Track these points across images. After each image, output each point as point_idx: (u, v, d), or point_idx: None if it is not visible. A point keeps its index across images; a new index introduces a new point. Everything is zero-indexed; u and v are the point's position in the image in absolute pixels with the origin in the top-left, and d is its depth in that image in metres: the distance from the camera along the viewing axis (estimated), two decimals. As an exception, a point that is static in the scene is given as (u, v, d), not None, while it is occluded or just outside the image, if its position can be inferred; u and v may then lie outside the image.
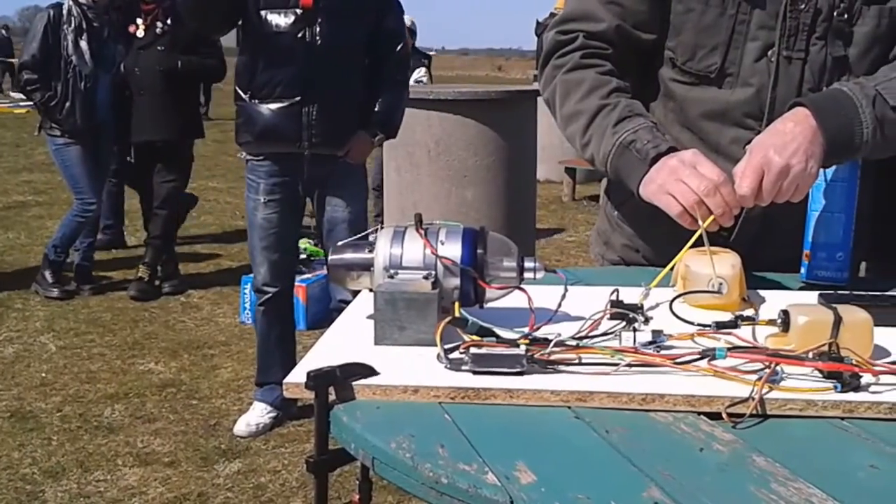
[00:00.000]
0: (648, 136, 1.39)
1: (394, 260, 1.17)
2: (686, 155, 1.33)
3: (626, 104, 1.46)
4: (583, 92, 1.50)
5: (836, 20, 1.43)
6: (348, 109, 3.27)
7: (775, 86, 1.45)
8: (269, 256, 3.39)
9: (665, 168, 1.32)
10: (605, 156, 1.43)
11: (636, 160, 1.38)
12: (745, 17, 1.45)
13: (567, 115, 1.52)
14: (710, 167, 1.29)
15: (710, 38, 1.47)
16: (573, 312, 1.20)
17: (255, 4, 3.15)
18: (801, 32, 1.43)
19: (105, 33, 5.20)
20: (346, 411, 0.97)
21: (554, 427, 0.93)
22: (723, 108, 1.49)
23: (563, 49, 1.56)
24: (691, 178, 1.28)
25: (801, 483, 0.80)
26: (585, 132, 1.48)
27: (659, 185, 1.32)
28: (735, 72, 1.47)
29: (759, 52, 1.45)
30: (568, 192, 9.24)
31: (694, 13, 1.47)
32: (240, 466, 3.31)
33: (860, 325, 1.03)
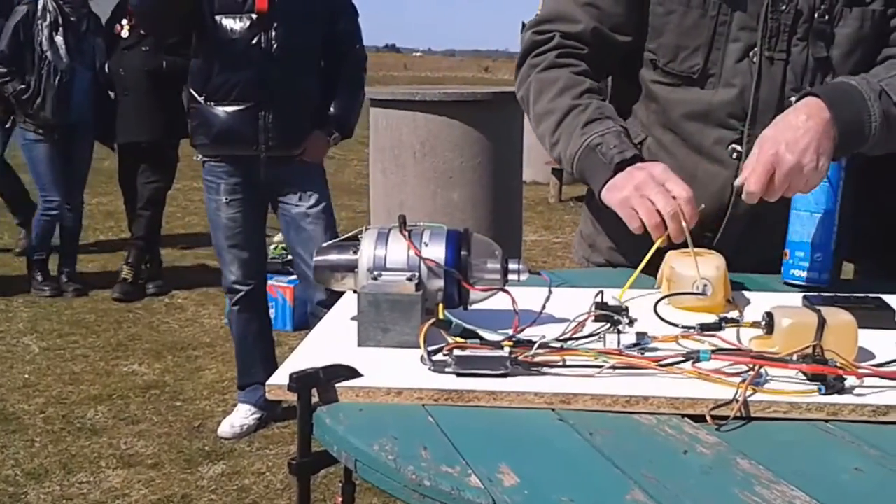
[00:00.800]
0: (615, 140, 1.40)
1: (378, 261, 1.16)
2: (656, 170, 1.33)
3: (597, 106, 1.47)
4: (556, 91, 1.50)
5: (816, 21, 1.44)
6: (304, 111, 3.30)
7: (758, 86, 1.46)
8: (238, 255, 3.41)
9: (632, 180, 1.33)
10: (572, 156, 1.44)
11: (601, 163, 1.39)
12: (725, 19, 1.45)
13: (539, 114, 1.53)
14: (679, 186, 1.29)
15: (692, 39, 1.48)
16: (557, 314, 1.20)
17: (210, 9, 3.18)
18: (782, 33, 1.44)
19: (83, 27, 5.15)
20: (329, 413, 0.97)
21: (537, 429, 0.92)
22: (705, 108, 1.49)
23: (539, 49, 1.57)
24: (658, 197, 1.29)
25: (785, 486, 0.80)
26: (555, 131, 1.48)
27: (624, 196, 1.33)
28: (717, 73, 1.47)
29: (740, 52, 1.46)
30: (554, 194, 9.25)
31: (675, 15, 1.48)
32: (224, 468, 3.29)
33: (844, 328, 1.03)
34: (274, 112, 3.21)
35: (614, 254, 1.67)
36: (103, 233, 7.32)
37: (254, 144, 3.24)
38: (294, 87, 3.25)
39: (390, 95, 4.65)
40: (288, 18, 3.18)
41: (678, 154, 1.53)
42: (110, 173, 5.95)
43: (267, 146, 3.24)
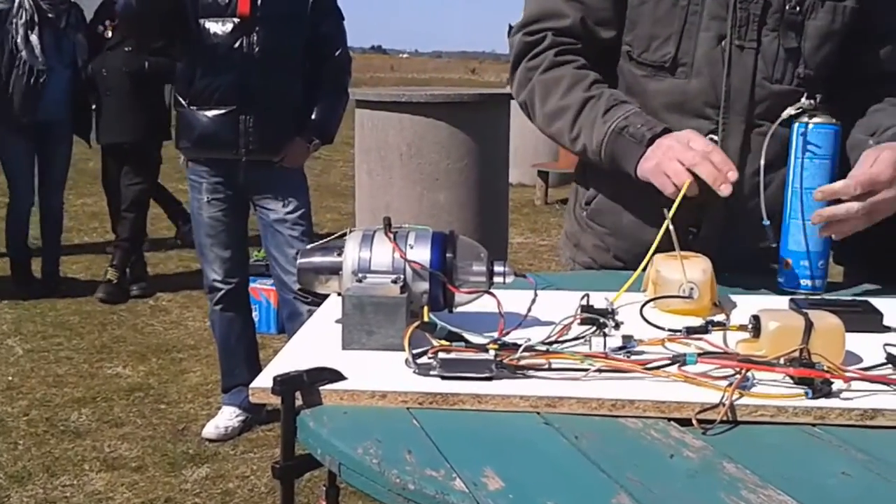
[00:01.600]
0: (640, 119, 1.44)
1: (362, 264, 1.15)
2: (681, 133, 1.39)
3: (609, 93, 1.51)
4: (564, 88, 1.52)
5: (787, 13, 1.48)
6: (285, 116, 3.30)
7: (729, 74, 1.48)
8: (220, 253, 3.41)
9: (661, 147, 1.38)
10: (599, 144, 1.47)
11: (631, 143, 1.43)
12: (697, 9, 1.48)
13: (551, 113, 1.54)
14: (701, 141, 1.36)
15: (664, 28, 1.50)
16: (543, 317, 1.19)
17: (193, 13, 3.18)
18: (751, 23, 1.48)
19: (63, 23, 5.11)
20: (313, 416, 0.96)
21: (523, 433, 0.92)
22: (681, 98, 1.52)
23: (533, 51, 1.57)
24: (684, 154, 1.34)
25: (772, 490, 0.79)
26: (573, 126, 1.51)
27: (655, 164, 1.37)
28: (689, 61, 1.50)
29: (712, 41, 1.49)
30: (541, 196, 9.26)
31: (647, 5, 1.51)
32: (208, 472, 3.27)
33: (832, 331, 1.02)
34: (255, 116, 3.22)
35: (599, 251, 1.67)
36: (87, 234, 7.28)
37: (234, 148, 3.25)
38: (276, 92, 3.25)
39: (376, 97, 4.65)
40: (270, 22, 3.18)
41: None
42: (95, 174, 5.91)
43: (247, 150, 3.25)
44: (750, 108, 1.50)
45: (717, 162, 1.32)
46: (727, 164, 1.32)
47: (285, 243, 3.35)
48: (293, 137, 3.35)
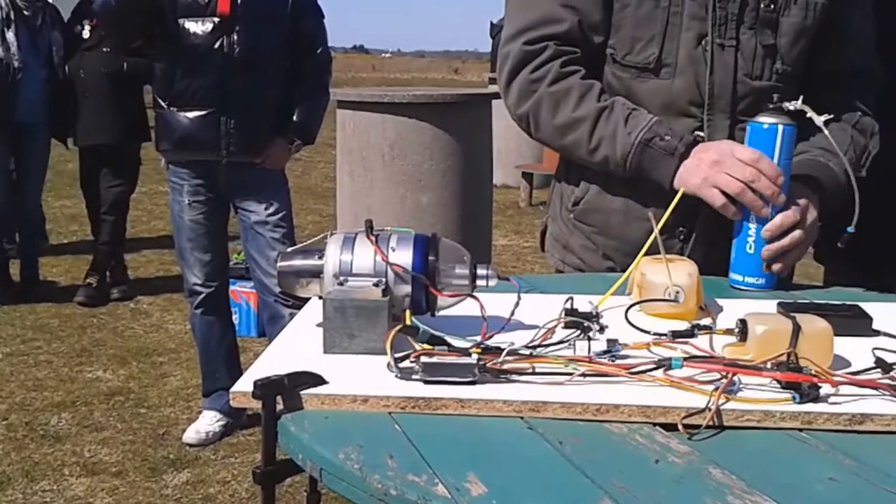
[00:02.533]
0: (664, 129, 1.48)
1: (344, 267, 1.14)
2: (722, 145, 1.44)
3: (621, 102, 1.53)
4: (574, 99, 1.54)
5: (763, 11, 1.52)
6: (266, 117, 3.30)
7: (711, 72, 1.52)
8: (200, 257, 3.40)
9: (703, 161, 1.43)
10: (624, 156, 1.50)
11: (663, 156, 1.47)
12: (677, 9, 1.51)
13: (563, 125, 1.55)
14: (746, 151, 1.40)
15: (647, 30, 1.53)
16: (527, 321, 1.18)
17: (172, 12, 3.16)
18: (730, 22, 1.51)
19: (39, 21, 5.06)
20: (294, 421, 0.95)
21: (506, 438, 0.91)
22: (667, 99, 1.54)
23: (534, 61, 1.56)
24: (734, 168, 1.39)
25: (759, 496, 0.79)
26: (591, 137, 1.53)
27: (703, 178, 1.42)
28: (672, 62, 1.53)
29: (693, 41, 1.52)
30: (525, 198, 9.27)
31: (630, 8, 1.53)
32: (189, 477, 3.25)
33: (820, 335, 1.02)
34: (235, 118, 3.20)
35: (588, 252, 1.67)
36: (67, 236, 7.23)
37: (215, 150, 3.24)
38: (256, 93, 3.24)
39: (358, 97, 4.63)
40: (250, 21, 3.17)
41: None
42: (74, 176, 5.86)
43: (228, 152, 3.24)
44: (733, 105, 1.53)
45: (768, 172, 1.38)
46: (775, 171, 1.38)
47: (266, 245, 3.34)
48: (274, 138, 3.33)
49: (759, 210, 1.40)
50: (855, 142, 1.57)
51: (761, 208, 1.40)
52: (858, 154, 1.57)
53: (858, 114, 1.60)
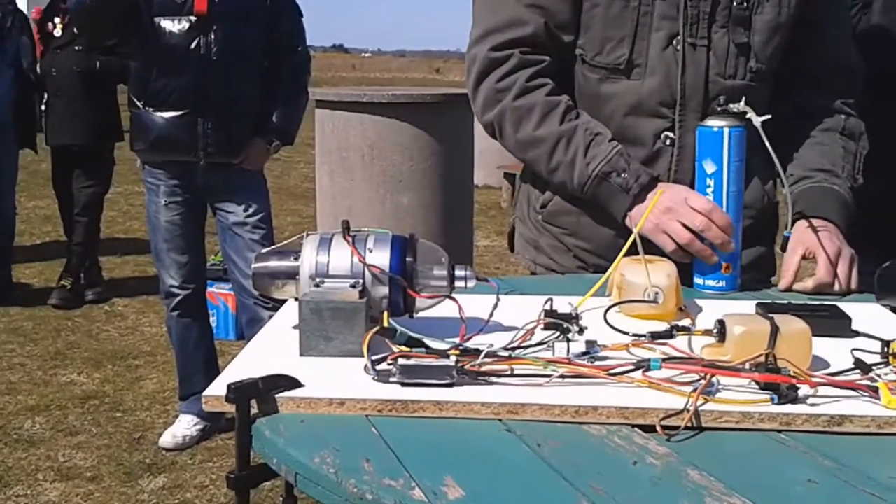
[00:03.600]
0: (624, 164, 1.49)
1: (320, 268, 1.14)
2: (677, 191, 1.45)
3: (584, 127, 1.53)
4: (537, 118, 1.54)
5: (735, 9, 1.52)
6: (244, 118, 3.28)
7: (683, 72, 1.51)
8: (177, 258, 3.38)
9: (658, 208, 1.44)
10: (581, 185, 1.52)
11: (617, 191, 1.48)
12: (647, 9, 1.51)
13: (525, 142, 1.56)
14: (699, 199, 1.43)
15: (617, 30, 1.52)
16: (506, 322, 1.18)
17: (148, 11, 3.14)
18: (701, 21, 1.51)
19: (8, 24, 5.02)
20: (269, 425, 0.94)
21: (484, 440, 0.91)
22: (636, 99, 1.54)
23: (499, 69, 1.57)
24: (686, 216, 1.42)
25: (737, 498, 0.79)
26: (550, 159, 1.54)
27: (655, 224, 1.44)
28: (643, 62, 1.53)
29: (664, 41, 1.52)
30: (507, 198, 9.27)
31: (599, 8, 1.52)
32: (165, 481, 3.23)
33: (798, 336, 1.03)
34: (213, 119, 3.18)
35: (559, 253, 1.68)
36: (40, 238, 7.17)
37: (192, 151, 3.22)
38: (234, 93, 3.22)
39: (337, 97, 4.62)
40: (228, 21, 3.15)
41: None
42: (48, 176, 5.82)
43: (206, 153, 3.22)
44: (705, 105, 1.53)
45: (720, 222, 1.41)
46: (726, 220, 1.42)
47: (245, 247, 3.32)
48: (253, 139, 3.32)
49: (708, 259, 1.43)
50: (847, 151, 1.58)
51: (710, 257, 1.43)
52: (853, 163, 1.58)
53: (843, 117, 1.61)
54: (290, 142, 3.50)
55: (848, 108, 1.62)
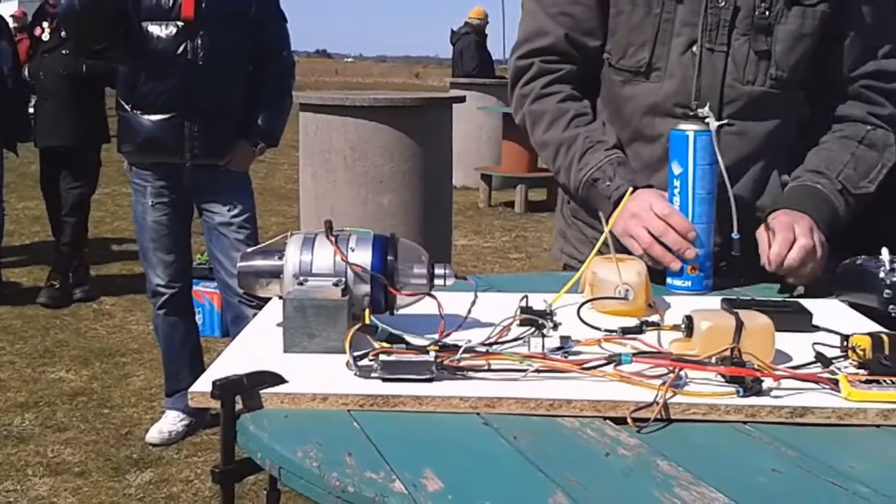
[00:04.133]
0: (611, 172, 1.53)
1: (303, 267, 1.14)
2: (643, 198, 1.47)
3: (584, 136, 1.58)
4: (545, 124, 1.62)
5: (757, 18, 1.51)
6: (230, 120, 3.27)
7: (699, 76, 1.53)
8: (163, 258, 3.36)
9: (628, 211, 1.47)
10: (576, 189, 1.59)
11: (602, 197, 1.53)
12: (669, 16, 1.53)
13: (537, 144, 1.66)
14: (660, 205, 1.45)
15: (639, 35, 1.55)
16: (483, 319, 1.18)
17: (136, 16, 3.11)
18: (721, 28, 1.52)
19: None
20: (253, 420, 0.94)
21: (462, 433, 0.91)
22: (655, 100, 1.56)
23: (523, 77, 1.66)
24: (647, 221, 1.44)
25: (704, 487, 0.80)
26: (554, 162, 1.62)
27: (623, 228, 1.47)
28: (663, 66, 1.55)
29: (684, 46, 1.53)
30: (484, 199, 9.29)
31: (624, 14, 1.56)
32: (151, 476, 3.21)
33: (762, 331, 1.04)
34: (199, 122, 3.17)
35: (584, 244, 1.71)
36: (30, 238, 7.11)
37: (179, 153, 3.20)
38: (220, 97, 3.21)
39: (320, 100, 4.61)
40: (214, 26, 3.14)
41: (635, 147, 1.61)
42: (37, 177, 5.76)
43: (192, 155, 3.20)
44: (720, 108, 1.53)
45: (679, 227, 1.43)
46: (686, 225, 1.43)
47: (231, 247, 3.31)
48: (238, 141, 3.30)
49: (668, 263, 1.44)
50: (857, 158, 1.54)
51: (670, 262, 1.44)
52: (863, 171, 1.54)
53: (867, 128, 1.57)
54: (274, 144, 3.49)
55: (877, 119, 1.58)
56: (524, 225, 8.31)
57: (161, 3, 3.12)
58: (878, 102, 1.58)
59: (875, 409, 0.95)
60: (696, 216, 1.45)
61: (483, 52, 11.03)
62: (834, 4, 1.51)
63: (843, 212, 1.51)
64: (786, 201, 1.52)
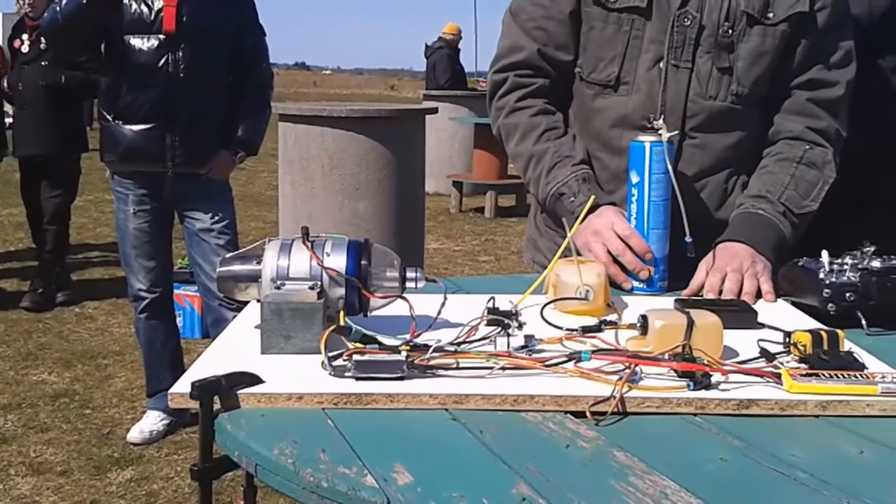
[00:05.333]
0: (576, 188, 1.56)
1: (281, 271, 1.15)
2: (605, 217, 1.50)
3: (554, 150, 1.61)
4: (518, 137, 1.65)
5: (720, 36, 1.53)
6: (210, 130, 3.26)
7: (664, 90, 1.54)
8: (144, 264, 3.34)
9: (590, 227, 1.50)
10: (544, 200, 1.62)
11: (567, 211, 1.55)
12: (638, 33, 1.55)
13: (511, 155, 1.70)
14: (622, 226, 1.48)
15: (609, 51, 1.57)
16: (452, 319, 1.20)
17: (118, 29, 3.10)
18: (686, 45, 1.53)
19: None
20: (231, 419, 0.95)
21: (431, 429, 0.93)
22: (623, 113, 1.58)
23: (499, 90, 1.69)
24: (610, 241, 1.48)
25: (657, 476, 0.82)
26: (525, 173, 1.65)
27: (583, 243, 1.50)
28: (631, 80, 1.57)
29: (651, 62, 1.55)
30: (455, 205, 9.30)
31: (595, 30, 1.58)
32: (132, 474, 3.19)
33: (711, 328, 1.06)
34: (180, 131, 3.15)
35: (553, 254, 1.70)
36: (13, 244, 7.02)
37: (160, 162, 3.18)
38: (200, 108, 3.19)
39: (299, 111, 4.61)
40: (195, 39, 3.13)
41: (603, 158, 1.63)
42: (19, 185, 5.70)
43: (173, 164, 3.18)
44: (683, 122, 1.55)
45: (637, 248, 1.46)
46: (643, 247, 1.46)
47: (211, 252, 3.30)
48: (219, 150, 3.29)
49: (621, 282, 1.47)
50: (798, 178, 1.54)
51: (623, 281, 1.47)
52: (804, 190, 1.54)
53: (805, 147, 1.57)
54: (254, 153, 3.48)
55: (815, 132, 1.57)
56: (493, 229, 8.34)
57: (143, 17, 3.10)
58: (815, 115, 1.58)
59: (814, 400, 0.97)
60: (651, 222, 1.48)
61: (455, 65, 11.07)
62: (793, 24, 1.53)
63: (788, 233, 1.51)
64: (729, 231, 1.52)
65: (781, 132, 1.60)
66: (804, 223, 1.54)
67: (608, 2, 1.55)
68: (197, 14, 3.14)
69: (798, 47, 1.56)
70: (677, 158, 1.55)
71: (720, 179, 1.60)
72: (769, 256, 1.47)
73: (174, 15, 3.09)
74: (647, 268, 1.46)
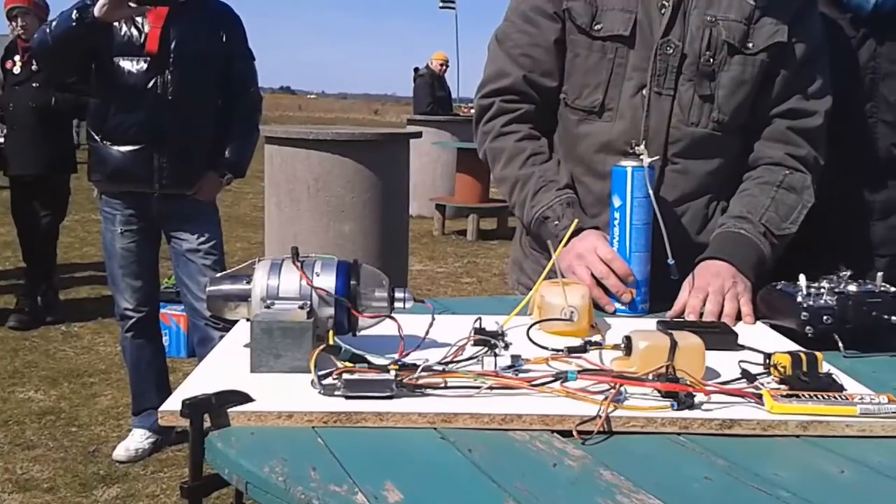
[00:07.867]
0: (560, 212, 1.56)
1: (271, 291, 1.14)
2: (589, 240, 1.50)
3: (538, 175, 1.61)
4: (503, 161, 1.65)
5: (702, 65, 1.54)
6: (198, 152, 3.25)
7: (647, 116, 1.55)
8: (131, 283, 3.31)
9: (573, 250, 1.50)
10: (528, 224, 1.62)
11: (552, 235, 1.55)
12: (622, 61, 1.56)
13: (496, 179, 1.70)
14: (604, 249, 1.48)
15: (594, 77, 1.58)
16: (440, 339, 1.20)
17: (108, 51, 3.09)
18: (669, 73, 1.54)
19: None
20: (221, 437, 0.93)
21: (420, 447, 0.92)
22: (607, 139, 1.59)
23: (486, 115, 1.69)
24: (594, 265, 1.47)
25: (643, 494, 0.82)
26: (511, 197, 1.65)
27: (567, 266, 1.49)
28: (615, 107, 1.57)
29: (634, 89, 1.56)
30: (438, 227, 9.31)
31: (580, 58, 1.59)
32: (118, 492, 3.15)
33: (693, 350, 1.06)
34: (168, 153, 3.14)
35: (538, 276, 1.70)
36: (1, 263, 6.94)
37: (148, 183, 3.17)
38: (188, 130, 3.18)
39: (285, 133, 4.61)
40: (184, 62, 3.12)
41: (588, 182, 1.63)
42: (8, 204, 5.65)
43: (161, 185, 3.17)
44: (665, 147, 1.56)
45: (619, 272, 1.46)
46: (625, 270, 1.46)
47: (198, 272, 3.28)
48: (206, 172, 3.28)
49: (604, 305, 1.47)
50: (778, 201, 1.55)
51: (605, 304, 1.47)
52: (784, 213, 1.55)
53: (785, 172, 1.58)
54: (241, 175, 3.47)
55: (794, 159, 1.59)
56: (475, 252, 8.34)
57: (133, 40, 3.10)
58: (795, 143, 1.59)
59: (795, 420, 0.98)
60: (633, 245, 1.48)
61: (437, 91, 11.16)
62: (772, 53, 1.55)
63: (768, 253, 1.52)
64: (711, 249, 1.53)
65: (762, 158, 1.62)
66: (783, 245, 1.55)
67: (592, 30, 1.56)
68: (185, 37, 3.14)
69: (777, 77, 1.58)
70: (659, 183, 1.56)
71: (701, 204, 1.61)
72: (749, 275, 1.48)
73: (158, 36, 3.08)
74: (630, 290, 1.46)
